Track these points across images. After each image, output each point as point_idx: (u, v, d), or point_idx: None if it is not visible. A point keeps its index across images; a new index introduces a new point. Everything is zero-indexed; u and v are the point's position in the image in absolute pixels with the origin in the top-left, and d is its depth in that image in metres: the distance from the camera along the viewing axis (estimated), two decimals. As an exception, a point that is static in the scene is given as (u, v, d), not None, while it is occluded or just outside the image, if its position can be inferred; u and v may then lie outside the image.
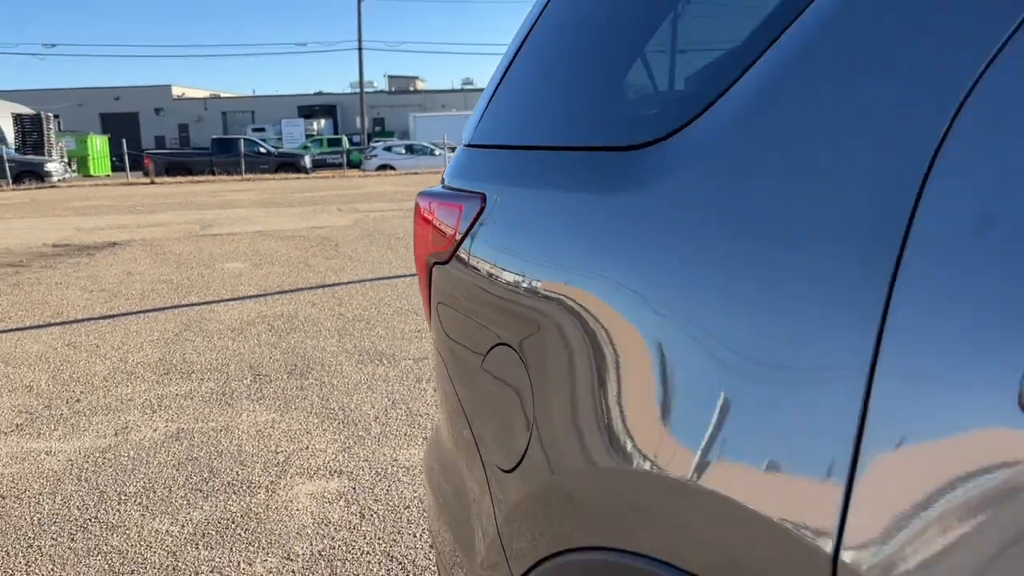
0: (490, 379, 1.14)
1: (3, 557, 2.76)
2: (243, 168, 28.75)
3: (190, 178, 28.04)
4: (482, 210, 1.18)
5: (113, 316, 6.53)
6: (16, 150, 31.54)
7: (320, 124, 52.01)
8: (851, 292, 0.64)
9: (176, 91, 57.75)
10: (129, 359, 5.22)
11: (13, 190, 24.34)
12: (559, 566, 0.93)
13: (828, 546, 0.63)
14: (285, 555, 2.71)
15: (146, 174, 28.52)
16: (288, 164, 30.07)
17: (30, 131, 33.53)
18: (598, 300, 0.90)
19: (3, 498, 3.23)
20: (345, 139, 39.98)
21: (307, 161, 30.24)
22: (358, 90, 46.29)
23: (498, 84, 1.27)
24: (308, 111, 54.86)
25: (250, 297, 7.16)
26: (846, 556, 0.62)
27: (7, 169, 25.91)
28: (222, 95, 61.46)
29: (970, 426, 0.55)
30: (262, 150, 31.01)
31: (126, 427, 3.99)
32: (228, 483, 3.30)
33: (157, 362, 5.12)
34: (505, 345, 1.10)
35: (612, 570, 0.84)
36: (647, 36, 1.04)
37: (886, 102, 0.66)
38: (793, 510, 0.65)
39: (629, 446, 0.83)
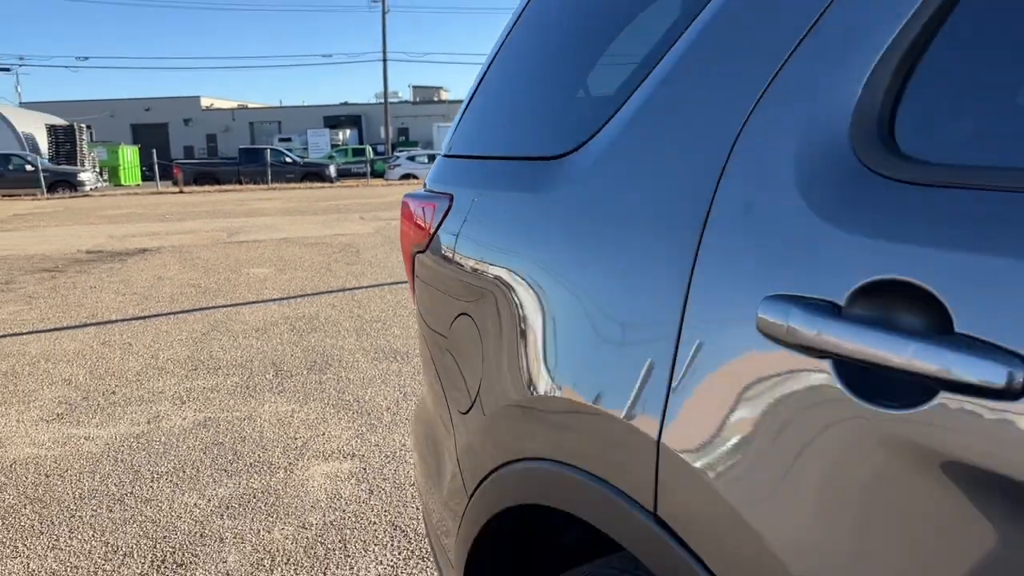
0: (455, 343, 1.43)
1: (49, 525, 3.08)
2: (269, 177, 29.30)
3: (218, 187, 28.64)
4: (449, 208, 1.47)
5: (145, 317, 6.89)
6: (50, 160, 32.38)
7: (345, 134, 52.69)
8: (671, 257, 0.92)
9: (205, 102, 58.75)
10: (160, 356, 5.56)
11: (48, 199, 25.03)
12: (495, 479, 1.21)
13: (654, 433, 0.91)
14: (300, 524, 3.01)
15: (175, 183, 29.15)
16: (313, 174, 30.60)
17: (63, 142, 34.38)
18: (523, 275, 1.19)
19: (48, 476, 3.55)
20: (369, 149, 40.51)
21: (332, 170, 30.75)
22: (383, 100, 46.91)
23: (464, 111, 1.57)
24: (334, 121, 55.60)
25: (274, 300, 7.50)
26: (665, 439, 0.90)
27: (42, 179, 26.65)
28: (250, 106, 62.43)
29: (739, 348, 0.83)
30: (288, 160, 31.57)
31: (158, 416, 4.31)
32: (250, 464, 3.60)
33: (186, 359, 5.46)
34: (466, 315, 1.38)
35: (528, 473, 1.13)
36: (569, 72, 1.33)
37: (694, 138, 0.95)
38: (638, 414, 0.93)
39: (534, 382, 1.11)
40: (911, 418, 0.66)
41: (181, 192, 26.99)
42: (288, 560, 2.76)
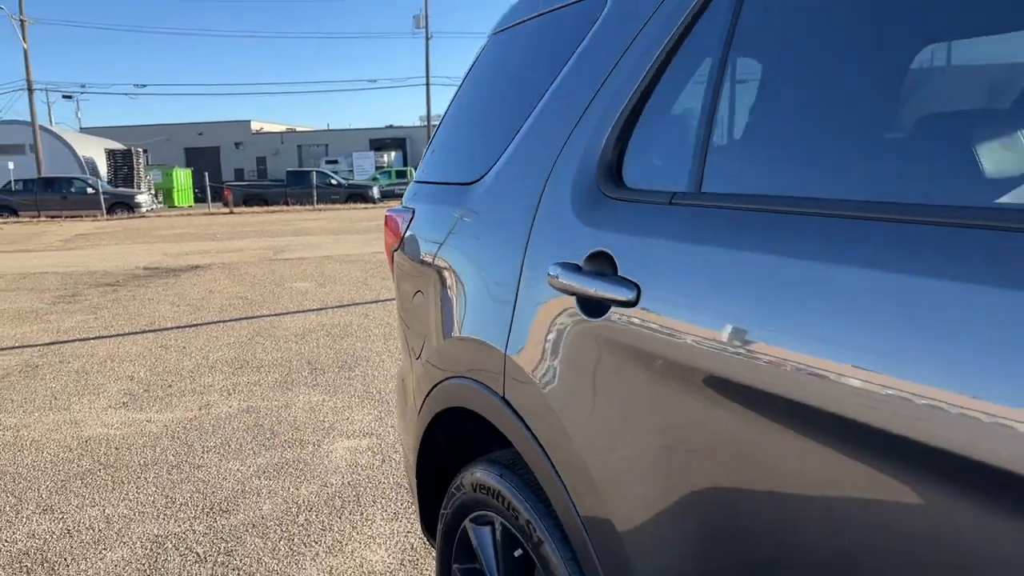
0: (414, 311, 2.04)
1: (120, 484, 3.75)
2: (315, 198, 30.37)
3: (266, 208, 29.76)
4: (412, 218, 2.09)
5: (197, 325, 7.64)
6: (109, 183, 33.94)
7: (390, 156, 53.88)
8: (516, 245, 1.53)
9: (255, 126, 60.52)
10: (210, 357, 6.27)
11: (107, 219, 26.34)
12: (432, 394, 1.83)
13: (503, 349, 1.52)
14: (322, 484, 3.64)
15: (226, 204, 30.34)
16: (357, 195, 31.60)
17: (122, 165, 36.01)
18: (449, 261, 1.81)
19: (117, 449, 4.24)
20: (412, 170, 41.55)
21: (375, 192, 31.72)
22: (426, 123, 48.03)
23: (427, 150, 2.20)
24: (379, 144, 56.89)
25: (313, 310, 8.21)
26: (508, 352, 1.50)
27: (102, 200, 28.03)
28: (298, 129, 64.14)
29: (541, 295, 1.43)
30: (333, 181, 32.64)
31: (208, 404, 4.99)
32: (284, 441, 4.25)
33: (233, 359, 6.16)
34: (419, 291, 2.00)
35: (448, 386, 1.74)
36: (482, 126, 1.94)
37: (530, 176, 1.56)
38: (496, 339, 1.54)
39: (455, 328, 1.73)
40: (606, 324, 1.26)
41: (231, 213, 28.14)
42: (311, 509, 3.39)
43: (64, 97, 54.59)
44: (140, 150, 37.27)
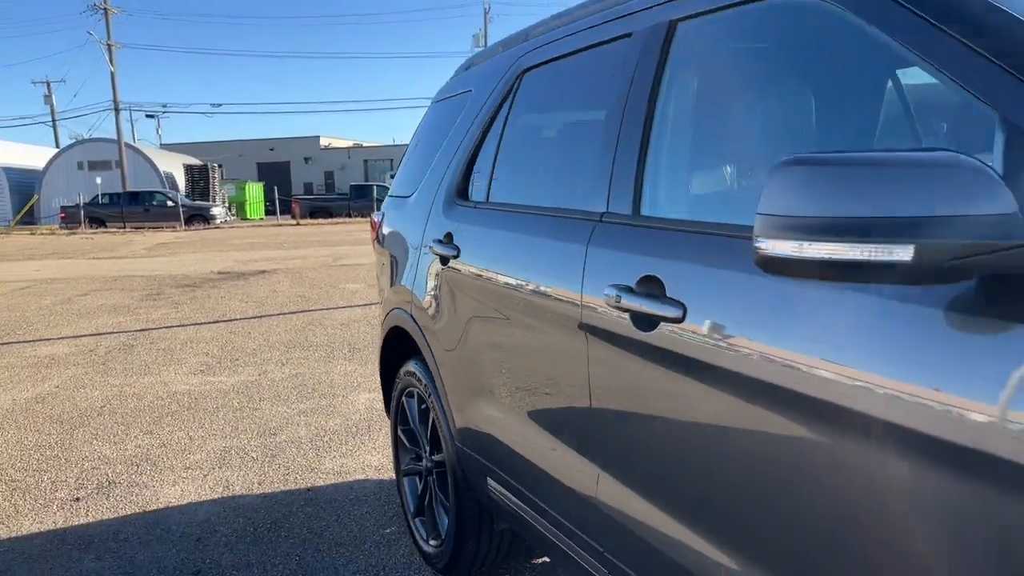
0: (381, 272, 3.27)
1: (198, 419, 5.07)
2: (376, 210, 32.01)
3: (330, 220, 31.56)
4: (382, 219, 3.33)
5: (260, 316, 9.03)
6: (187, 196, 36.24)
7: (451, 170, 55.51)
8: (420, 227, 2.75)
9: (323, 141, 62.92)
10: (270, 339, 7.62)
11: (185, 231, 28.42)
12: (386, 317, 3.06)
13: (411, 288, 2.75)
14: (345, 419, 4.89)
15: (293, 217, 32.24)
16: (416, 207, 33.13)
17: (198, 180, 38.34)
18: (395, 242, 3.04)
19: (196, 399, 5.57)
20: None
21: (433, 204, 33.22)
22: (485, 138, 49.50)
23: (396, 171, 3.44)
24: (440, 158, 58.53)
25: (359, 305, 9.54)
26: (414, 291, 2.74)
27: (180, 213, 30.18)
28: (364, 144, 66.43)
29: (427, 259, 2.66)
30: (394, 195, 34.28)
31: (265, 372, 6.31)
32: (321, 394, 5.53)
33: (288, 341, 7.50)
34: (383, 262, 3.23)
35: (393, 313, 2.97)
36: (421, 156, 3.15)
37: (429, 193, 2.78)
38: (410, 284, 2.77)
39: (392, 282, 2.97)
40: (449, 270, 2.47)
41: (298, 224, 29.98)
42: (334, 433, 4.64)
43: (147, 116, 57.94)
44: (215, 165, 39.58)
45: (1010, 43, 1.07)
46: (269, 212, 40.48)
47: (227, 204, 36.96)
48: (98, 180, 35.82)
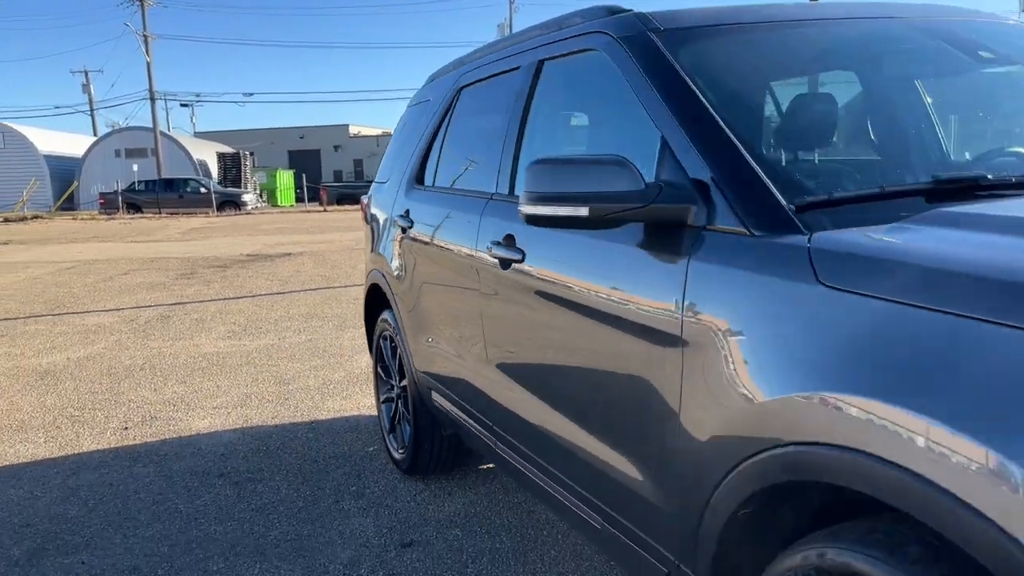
0: (368, 243, 4.09)
1: (225, 372, 5.94)
2: (401, 198, 32.96)
3: (357, 207, 32.47)
4: (369, 199, 4.15)
5: (284, 293, 9.92)
6: (219, 183, 37.46)
7: (477, 158, 56.32)
8: (392, 201, 3.58)
9: (352, 130, 63.90)
10: (291, 312, 8.51)
11: (217, 216, 29.55)
12: (367, 279, 3.89)
13: (382, 254, 3.58)
14: (347, 373, 5.74)
15: (321, 204, 33.27)
16: (440, 194, 34.05)
17: (231, 167, 39.54)
18: (376, 221, 3.87)
19: (224, 357, 6.45)
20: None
21: (457, 192, 34.12)
22: (510, 127, 50.18)
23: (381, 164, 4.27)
24: (467, 146, 59.33)
25: (373, 283, 10.41)
26: (386, 256, 3.57)
27: (213, 199, 31.33)
28: (392, 132, 67.33)
29: (394, 229, 3.49)
30: (419, 182, 35.21)
31: (284, 337, 7.19)
32: (330, 355, 6.38)
33: (306, 313, 8.37)
34: (366, 234, 4.06)
35: (371, 273, 3.80)
36: (398, 148, 3.95)
37: (398, 176, 3.61)
38: (383, 251, 3.60)
39: (371, 248, 3.80)
40: (406, 237, 3.29)
41: (325, 211, 30.99)
42: (338, 383, 5.49)
43: (181, 105, 59.31)
44: (247, 153, 40.76)
45: (683, 106, 1.84)
46: (299, 199, 41.60)
47: (258, 191, 38.09)
48: (134, 167, 37.09)
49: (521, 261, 2.25)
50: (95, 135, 49.57)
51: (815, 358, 1.31)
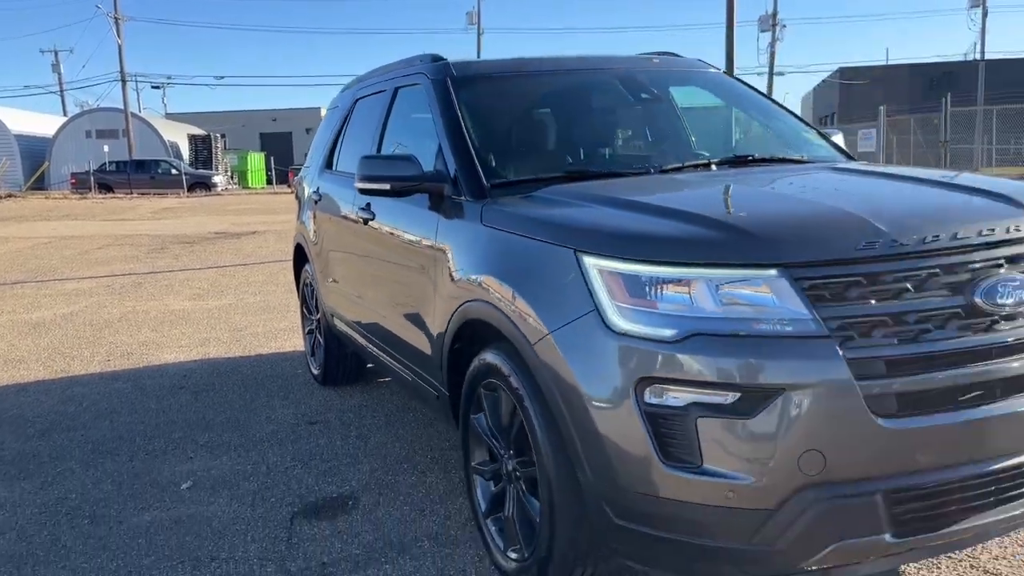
0: (296, 214, 5.33)
1: (190, 324, 7.15)
2: (368, 181, 34.03)
3: (325, 189, 33.47)
4: (299, 180, 5.37)
5: (246, 264, 11.11)
6: (190, 165, 38.22)
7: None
8: (310, 185, 4.82)
9: (324, 112, 64.47)
10: (249, 279, 9.70)
11: (188, 197, 30.47)
12: (294, 240, 5.14)
13: (302, 220, 4.83)
14: (290, 323, 6.98)
15: (289, 186, 34.22)
16: (406, 178, 35.14)
17: (201, 149, 40.24)
18: (301, 197, 5.11)
19: (189, 314, 7.66)
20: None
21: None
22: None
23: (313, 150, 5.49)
24: (437, 131, 60.18)
25: (326, 257, 11.62)
26: (306, 223, 4.83)
27: (184, 180, 32.20)
28: (363, 116, 67.93)
29: (311, 203, 4.74)
30: (386, 166, 36.24)
31: (242, 298, 8.39)
32: (279, 311, 7.61)
33: (263, 280, 9.58)
34: (297, 208, 5.29)
35: (296, 238, 5.05)
36: (323, 138, 5.17)
37: (314, 165, 4.86)
38: (302, 219, 4.85)
39: (299, 217, 5.05)
40: (317, 205, 4.54)
41: (293, 192, 31.95)
42: (282, 331, 6.72)
43: (152, 87, 59.68)
44: (219, 135, 41.45)
45: (449, 127, 3.10)
46: (269, 181, 42.40)
47: (229, 173, 38.89)
48: (105, 148, 37.74)
49: (373, 219, 3.51)
50: (65, 116, 49.95)
51: (478, 260, 2.59)
